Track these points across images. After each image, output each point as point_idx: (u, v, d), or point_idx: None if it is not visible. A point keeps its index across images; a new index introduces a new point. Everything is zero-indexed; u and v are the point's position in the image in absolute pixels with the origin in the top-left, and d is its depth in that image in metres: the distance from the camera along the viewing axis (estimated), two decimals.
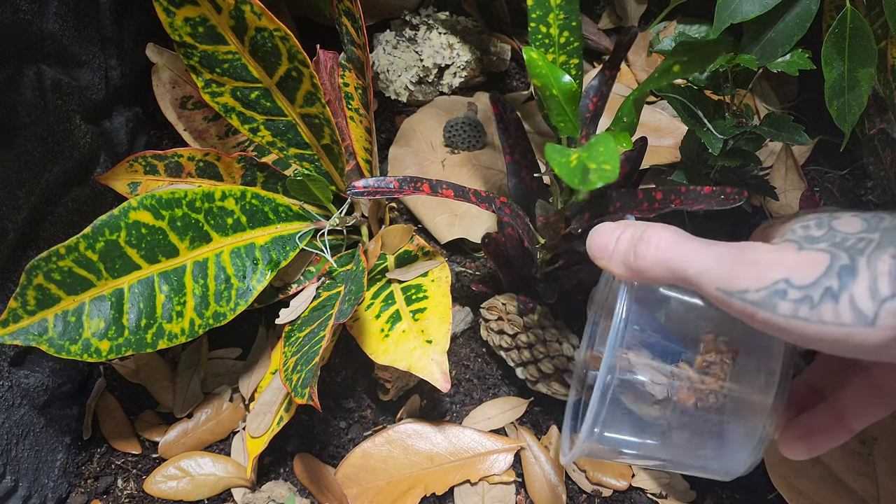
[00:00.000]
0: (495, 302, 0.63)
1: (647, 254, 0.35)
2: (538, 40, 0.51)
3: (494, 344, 0.63)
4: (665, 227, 0.35)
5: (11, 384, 0.57)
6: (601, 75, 0.57)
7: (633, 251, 0.35)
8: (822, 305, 0.29)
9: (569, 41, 0.51)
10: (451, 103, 0.77)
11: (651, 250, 0.35)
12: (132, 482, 0.62)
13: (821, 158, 0.74)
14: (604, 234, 0.38)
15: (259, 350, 0.66)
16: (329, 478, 0.59)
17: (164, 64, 0.70)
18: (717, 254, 0.33)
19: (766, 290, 0.30)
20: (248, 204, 0.59)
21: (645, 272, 0.35)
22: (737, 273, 0.31)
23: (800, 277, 0.30)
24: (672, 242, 0.34)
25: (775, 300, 0.30)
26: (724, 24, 0.52)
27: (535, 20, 0.51)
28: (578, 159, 0.37)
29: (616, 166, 0.35)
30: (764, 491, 0.58)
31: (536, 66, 0.47)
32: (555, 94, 0.47)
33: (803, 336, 0.30)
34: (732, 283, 0.31)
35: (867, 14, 0.53)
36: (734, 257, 0.32)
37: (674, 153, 0.73)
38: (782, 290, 0.30)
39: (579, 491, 0.60)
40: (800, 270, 0.30)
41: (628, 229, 0.37)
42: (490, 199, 0.53)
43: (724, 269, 0.32)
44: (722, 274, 0.32)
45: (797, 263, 0.30)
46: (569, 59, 0.52)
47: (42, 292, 0.52)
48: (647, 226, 0.36)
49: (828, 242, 0.31)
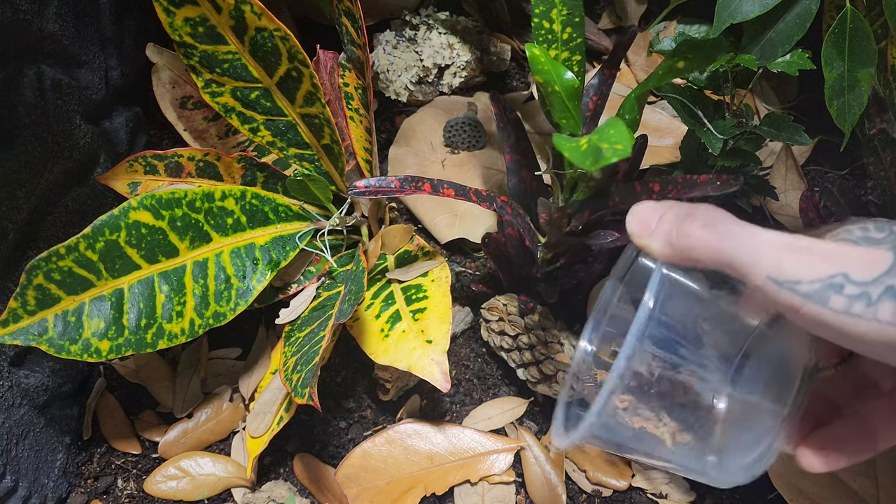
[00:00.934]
0: (496, 302, 0.63)
1: (693, 232, 0.32)
2: (541, 36, 0.51)
3: (495, 345, 0.63)
4: (714, 208, 0.33)
5: (11, 384, 0.57)
6: (601, 74, 0.57)
7: (678, 229, 0.33)
8: (881, 303, 0.28)
9: (572, 37, 0.51)
10: (451, 103, 0.77)
11: (697, 229, 0.32)
12: (132, 482, 0.62)
13: (821, 158, 0.74)
14: (646, 211, 0.35)
15: (259, 350, 0.66)
16: (329, 478, 0.59)
17: (164, 64, 0.70)
18: (769, 240, 0.31)
19: (821, 283, 0.29)
20: (248, 204, 0.59)
21: (689, 252, 0.33)
22: (790, 262, 0.30)
23: (859, 273, 0.28)
24: (720, 223, 0.32)
25: (829, 293, 0.29)
26: (724, 24, 0.52)
27: (538, 16, 0.51)
28: (589, 142, 0.36)
29: (629, 145, 0.34)
30: (764, 491, 0.58)
31: (539, 63, 0.47)
32: (557, 90, 0.47)
33: (853, 334, 0.29)
34: (785, 271, 0.30)
35: (867, 14, 0.53)
36: (788, 245, 0.30)
37: (674, 153, 0.73)
38: (839, 284, 0.29)
39: (579, 491, 0.60)
40: (860, 266, 0.29)
41: (673, 207, 0.34)
42: (491, 197, 0.53)
43: (776, 257, 0.30)
44: (774, 261, 0.30)
45: (858, 258, 0.29)
46: (571, 56, 0.52)
47: (42, 292, 0.52)
48: (693, 205, 0.34)
49: (891, 243, 0.29)
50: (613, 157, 0.33)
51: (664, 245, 0.34)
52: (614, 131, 0.36)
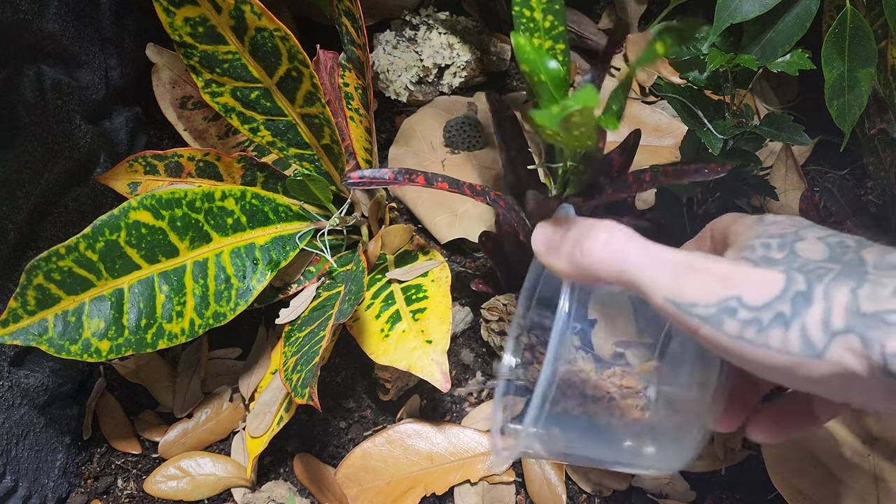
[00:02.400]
0: (496, 302, 0.63)
1: (594, 252, 0.33)
2: (523, 24, 0.51)
3: (495, 345, 0.63)
4: (614, 225, 0.33)
5: (11, 384, 0.57)
6: (594, 70, 0.57)
7: (581, 248, 0.33)
8: (771, 330, 0.28)
9: (553, 25, 0.51)
10: (451, 103, 0.77)
11: (598, 248, 0.33)
12: (132, 482, 0.62)
13: (821, 158, 0.74)
14: (550, 229, 0.36)
15: (259, 350, 0.66)
16: (329, 478, 0.59)
17: (164, 64, 0.70)
18: (668, 260, 0.31)
19: (716, 307, 0.29)
20: (248, 204, 0.59)
21: (590, 271, 0.33)
22: (687, 284, 0.30)
23: (752, 297, 0.29)
24: (621, 242, 0.32)
25: (723, 317, 0.29)
26: (724, 24, 0.52)
27: (518, 3, 0.50)
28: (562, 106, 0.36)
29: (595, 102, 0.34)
30: (764, 491, 0.58)
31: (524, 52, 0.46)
32: (543, 79, 0.47)
33: (745, 359, 0.29)
34: (681, 294, 0.30)
35: (867, 14, 0.53)
36: (686, 267, 0.30)
37: (674, 153, 0.73)
38: (732, 307, 0.29)
39: (579, 491, 0.60)
40: (753, 289, 0.29)
41: (576, 224, 0.35)
42: (484, 191, 0.53)
43: (674, 279, 0.30)
44: (671, 283, 0.30)
45: (752, 282, 0.29)
46: (554, 45, 0.51)
47: (42, 292, 0.52)
48: (596, 222, 0.34)
49: (787, 265, 0.29)
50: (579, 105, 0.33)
51: (567, 264, 0.34)
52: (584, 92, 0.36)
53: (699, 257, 0.31)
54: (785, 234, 0.32)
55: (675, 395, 0.38)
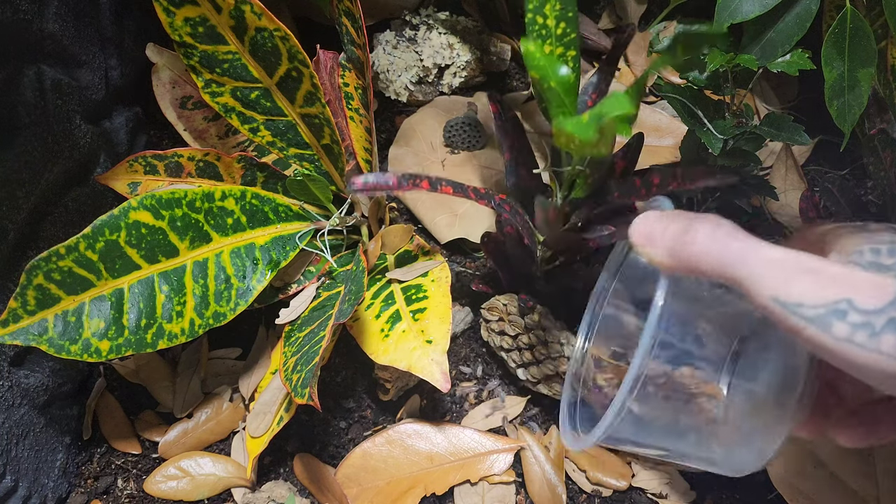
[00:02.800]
0: (496, 302, 0.63)
1: (697, 245, 0.32)
2: (535, 31, 0.51)
3: (495, 345, 0.63)
4: (718, 218, 0.33)
5: (11, 384, 0.57)
6: (600, 72, 0.57)
7: (682, 239, 0.33)
8: (884, 335, 0.27)
9: (566, 32, 0.51)
10: (451, 103, 0.77)
11: (701, 240, 0.32)
12: (132, 482, 0.62)
13: (821, 158, 0.74)
14: (650, 222, 0.35)
15: (259, 350, 0.66)
16: (329, 478, 0.59)
17: (164, 64, 0.70)
18: (774, 257, 0.30)
19: (825, 308, 0.28)
20: (248, 204, 0.59)
21: (692, 263, 0.32)
22: (794, 283, 0.29)
23: (864, 301, 0.28)
24: (725, 235, 0.32)
25: (831, 320, 0.28)
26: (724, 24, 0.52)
27: (532, 11, 0.51)
28: (591, 114, 0.36)
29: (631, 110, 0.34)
30: (764, 491, 0.58)
31: (534, 59, 0.46)
32: (553, 86, 0.47)
33: (853, 363, 0.28)
34: (788, 293, 0.29)
35: (867, 14, 0.53)
36: (794, 265, 0.29)
37: (674, 153, 0.73)
38: (843, 310, 0.28)
39: (579, 491, 0.60)
40: (866, 293, 0.28)
41: (678, 217, 0.34)
42: (489, 195, 0.53)
43: (780, 277, 0.29)
44: (777, 282, 0.29)
45: (864, 285, 0.28)
46: (566, 51, 0.52)
47: (42, 292, 0.52)
48: (699, 215, 0.33)
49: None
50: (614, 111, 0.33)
51: (667, 256, 0.34)
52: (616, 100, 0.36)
53: (807, 257, 0.30)
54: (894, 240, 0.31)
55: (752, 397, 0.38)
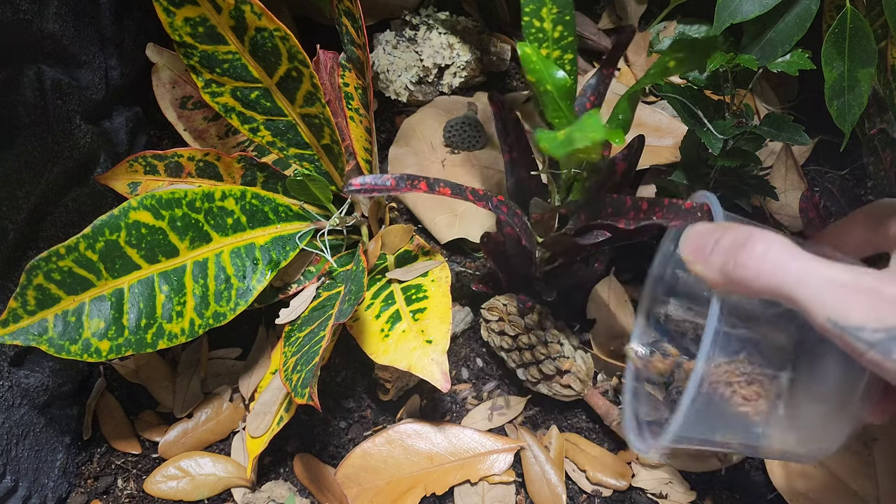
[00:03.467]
0: (496, 302, 0.63)
1: (750, 264, 0.31)
2: (532, 35, 0.51)
3: (495, 345, 0.63)
4: (774, 236, 0.32)
5: (11, 384, 0.57)
6: (599, 74, 0.57)
7: (735, 259, 0.32)
8: None
9: (563, 35, 0.51)
10: (451, 103, 0.77)
11: (755, 261, 0.31)
12: (132, 482, 0.62)
13: (821, 158, 0.74)
14: (701, 235, 0.34)
15: (259, 350, 0.66)
16: (329, 478, 0.59)
17: (164, 64, 0.70)
18: (831, 278, 0.29)
19: (885, 333, 0.28)
20: (248, 204, 0.59)
21: (745, 285, 0.31)
22: (853, 307, 0.28)
23: None
24: (781, 255, 0.31)
25: (892, 346, 0.28)
26: (724, 24, 0.52)
27: (528, 14, 0.51)
28: (566, 133, 0.36)
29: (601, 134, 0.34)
30: (764, 491, 0.58)
31: (531, 62, 0.46)
32: (549, 89, 0.47)
33: None
34: (847, 317, 0.28)
35: (867, 14, 0.53)
36: (853, 286, 0.29)
37: (674, 153, 0.73)
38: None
39: (579, 491, 0.60)
40: None
41: (730, 232, 0.33)
42: (487, 196, 0.53)
43: (838, 300, 0.29)
44: (836, 304, 0.29)
45: None
46: (563, 55, 0.52)
47: (42, 292, 0.52)
48: (753, 231, 0.32)
49: None
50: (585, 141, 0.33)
51: (719, 275, 0.33)
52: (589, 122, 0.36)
53: (865, 275, 0.29)
54: None
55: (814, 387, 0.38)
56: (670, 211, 0.47)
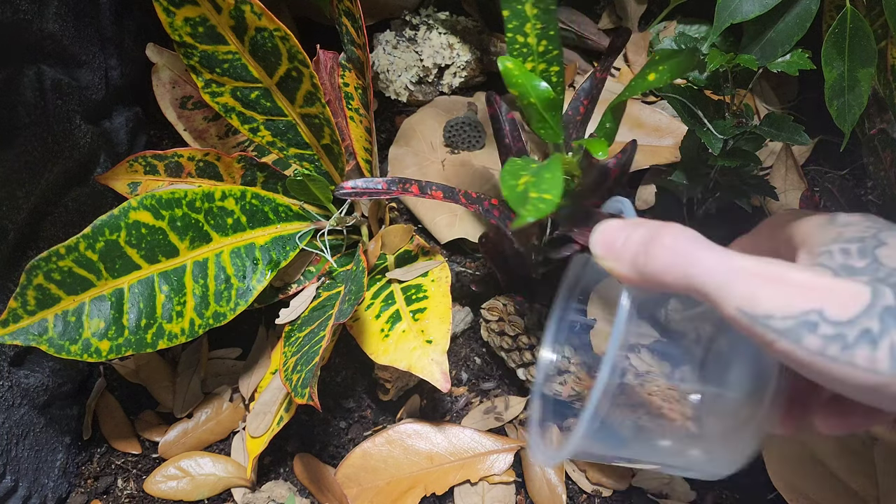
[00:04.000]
0: (496, 303, 0.63)
1: (661, 256, 0.31)
2: (516, 49, 0.51)
3: (495, 345, 0.63)
4: (682, 229, 0.31)
5: (11, 384, 0.57)
6: (592, 78, 0.57)
7: (645, 253, 0.31)
8: (857, 348, 0.26)
9: (548, 49, 0.51)
10: (451, 103, 0.77)
11: (666, 254, 0.31)
12: (132, 482, 0.62)
13: (821, 158, 0.74)
14: (612, 231, 0.33)
15: (259, 350, 0.66)
16: (329, 478, 0.59)
17: (164, 64, 0.70)
18: (741, 267, 0.29)
19: (794, 320, 0.27)
20: (248, 204, 0.59)
21: (656, 278, 0.31)
22: (762, 295, 0.28)
23: (835, 311, 0.27)
24: (691, 247, 0.30)
25: (803, 332, 0.27)
26: (724, 24, 0.52)
27: (511, 30, 0.50)
28: (525, 185, 0.36)
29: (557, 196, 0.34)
30: (764, 491, 0.58)
31: (512, 76, 0.47)
32: (533, 102, 0.47)
33: (827, 376, 0.27)
34: (756, 305, 0.28)
35: (867, 14, 0.53)
36: (761, 275, 0.28)
37: (674, 153, 0.73)
38: (813, 321, 0.27)
39: (579, 491, 0.60)
40: (836, 302, 0.27)
41: (641, 227, 0.32)
42: (479, 199, 0.52)
43: (748, 288, 0.28)
44: (745, 293, 0.28)
45: (834, 293, 0.27)
46: (549, 67, 0.51)
47: (42, 292, 0.52)
48: (662, 225, 0.32)
49: (870, 275, 0.28)
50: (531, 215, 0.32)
51: (630, 270, 0.33)
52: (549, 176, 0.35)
53: (774, 264, 0.29)
54: (864, 237, 0.30)
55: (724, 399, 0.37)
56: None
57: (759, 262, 0.29)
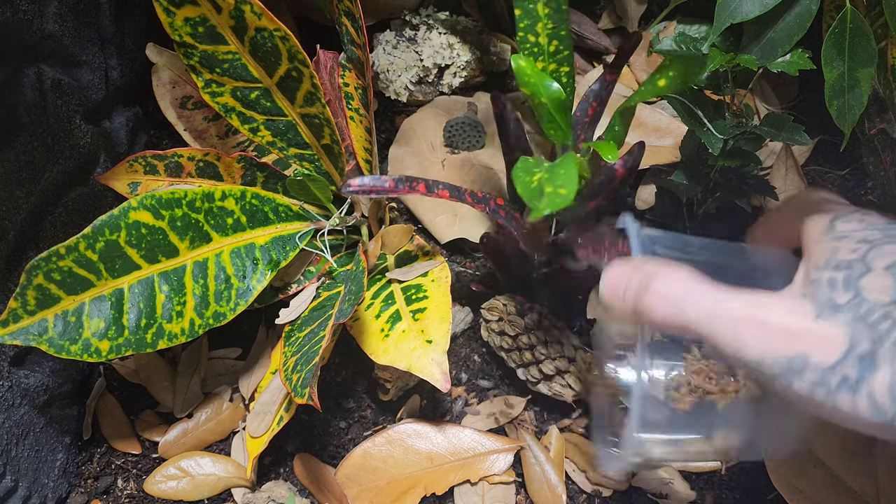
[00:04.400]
0: (496, 302, 0.63)
1: (656, 308, 0.33)
2: (527, 49, 0.51)
3: (495, 345, 0.63)
4: (674, 274, 0.34)
5: (11, 384, 0.57)
6: (601, 80, 0.57)
7: (641, 302, 0.34)
8: (839, 394, 0.28)
9: (558, 49, 0.51)
10: (451, 103, 0.77)
11: (659, 305, 0.33)
12: (132, 482, 0.62)
13: (821, 158, 0.74)
14: (615, 278, 0.36)
15: (259, 350, 0.66)
16: (329, 478, 0.59)
17: (164, 64, 0.70)
18: (728, 312, 0.31)
19: (782, 365, 0.29)
20: (248, 204, 0.59)
21: (655, 324, 0.34)
22: (750, 342, 0.30)
23: (817, 357, 0.29)
24: (680, 293, 0.33)
25: (791, 377, 0.29)
26: (724, 24, 0.52)
27: (523, 29, 0.50)
28: (539, 181, 0.36)
29: (572, 191, 0.34)
30: (764, 491, 0.58)
31: (525, 75, 0.46)
32: (544, 101, 0.47)
33: (820, 415, 0.30)
34: (746, 352, 0.30)
35: (867, 14, 0.53)
36: (747, 319, 0.31)
37: (674, 153, 0.73)
38: (798, 368, 0.29)
39: (579, 491, 0.60)
40: (817, 348, 0.29)
41: (636, 273, 0.35)
42: (486, 199, 0.52)
43: (736, 335, 0.31)
44: (734, 339, 0.31)
45: (815, 339, 0.29)
46: (559, 67, 0.52)
47: (42, 292, 0.52)
48: (655, 273, 0.34)
49: (851, 314, 0.29)
50: (548, 207, 0.33)
51: (632, 315, 0.35)
52: (564, 172, 0.36)
53: (760, 305, 0.31)
54: (853, 262, 0.31)
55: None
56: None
57: (745, 302, 0.31)
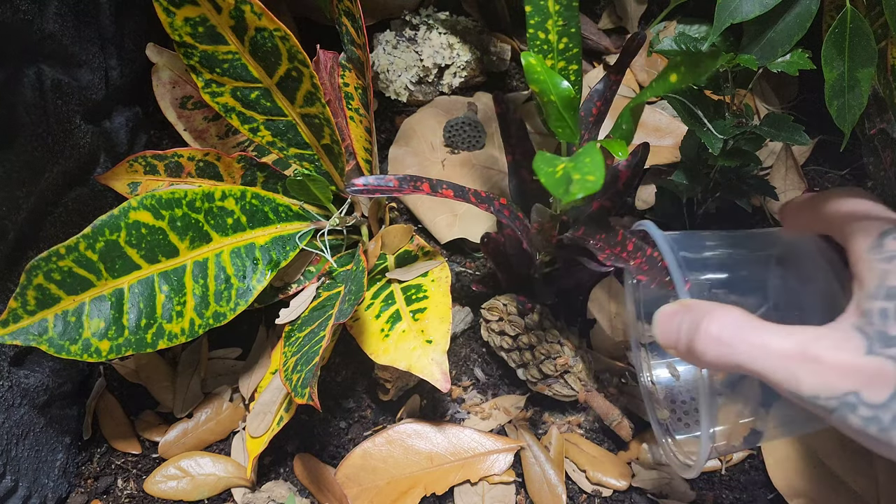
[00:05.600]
0: (496, 302, 0.63)
1: (709, 350, 0.34)
2: (536, 46, 0.51)
3: (495, 345, 0.63)
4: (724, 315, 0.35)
5: (11, 384, 0.57)
6: (605, 80, 0.57)
7: (694, 346, 0.35)
8: (892, 430, 0.29)
9: (568, 47, 0.51)
10: (451, 103, 0.77)
11: (712, 346, 0.34)
12: (132, 482, 0.62)
13: (821, 158, 0.74)
14: (667, 321, 0.38)
15: (259, 350, 0.66)
16: (329, 478, 0.59)
17: (164, 64, 0.70)
18: (779, 352, 0.32)
19: (836, 401, 0.30)
20: (248, 204, 0.59)
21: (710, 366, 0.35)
22: (804, 379, 0.31)
23: (869, 393, 0.30)
24: (731, 336, 0.34)
25: (845, 412, 0.30)
26: (724, 24, 0.52)
27: (533, 26, 0.51)
28: (564, 170, 0.36)
29: (600, 177, 0.34)
30: (764, 491, 0.58)
31: (535, 72, 0.46)
32: (553, 99, 0.47)
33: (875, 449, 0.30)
34: (800, 389, 0.31)
35: (867, 14, 0.53)
36: (800, 357, 0.31)
37: (674, 153, 0.73)
38: (852, 403, 0.30)
39: (579, 491, 0.60)
40: (869, 385, 0.30)
41: (687, 315, 0.36)
42: (489, 199, 0.52)
43: (788, 373, 0.31)
44: (788, 378, 0.31)
45: (866, 376, 0.30)
46: (568, 65, 0.52)
47: (42, 292, 0.52)
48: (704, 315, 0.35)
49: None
50: (581, 191, 0.33)
51: (686, 357, 0.37)
52: (590, 160, 0.36)
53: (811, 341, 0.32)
54: None
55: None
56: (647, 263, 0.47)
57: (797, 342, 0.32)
